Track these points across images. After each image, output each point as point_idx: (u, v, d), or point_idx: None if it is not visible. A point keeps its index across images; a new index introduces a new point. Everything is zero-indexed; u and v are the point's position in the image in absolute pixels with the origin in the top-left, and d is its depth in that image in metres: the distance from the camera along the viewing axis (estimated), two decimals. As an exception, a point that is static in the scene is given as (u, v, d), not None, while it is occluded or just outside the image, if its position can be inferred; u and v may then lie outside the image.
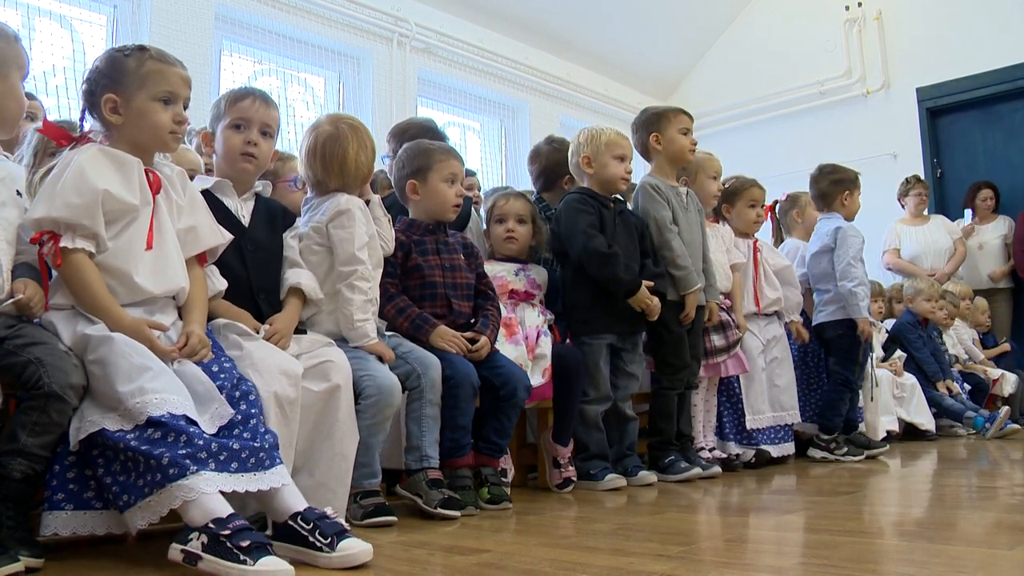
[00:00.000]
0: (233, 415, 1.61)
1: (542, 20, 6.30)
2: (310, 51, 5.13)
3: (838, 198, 3.70)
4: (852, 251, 3.55)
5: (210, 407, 1.61)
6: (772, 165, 6.19)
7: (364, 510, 2.00)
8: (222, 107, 2.15)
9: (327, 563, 1.48)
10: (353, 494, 2.01)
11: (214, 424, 1.59)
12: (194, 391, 1.62)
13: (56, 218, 1.67)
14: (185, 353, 1.70)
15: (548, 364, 2.70)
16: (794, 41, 6.97)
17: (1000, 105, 6.19)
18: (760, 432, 3.35)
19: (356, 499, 2.03)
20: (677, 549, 1.59)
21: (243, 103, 2.13)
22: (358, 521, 1.98)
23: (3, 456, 1.51)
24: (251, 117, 2.12)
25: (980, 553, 1.53)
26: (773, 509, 2.26)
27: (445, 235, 2.55)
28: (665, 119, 3.13)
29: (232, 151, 2.11)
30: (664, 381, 2.99)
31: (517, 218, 2.87)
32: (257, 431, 1.61)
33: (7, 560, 1.40)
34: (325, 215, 2.22)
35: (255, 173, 2.18)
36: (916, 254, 5.80)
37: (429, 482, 2.14)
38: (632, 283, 2.80)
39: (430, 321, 2.38)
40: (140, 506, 1.47)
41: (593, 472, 2.74)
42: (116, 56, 1.81)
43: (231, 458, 1.51)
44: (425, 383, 2.19)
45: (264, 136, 2.14)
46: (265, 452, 1.58)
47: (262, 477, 1.54)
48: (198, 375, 1.65)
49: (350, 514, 1.99)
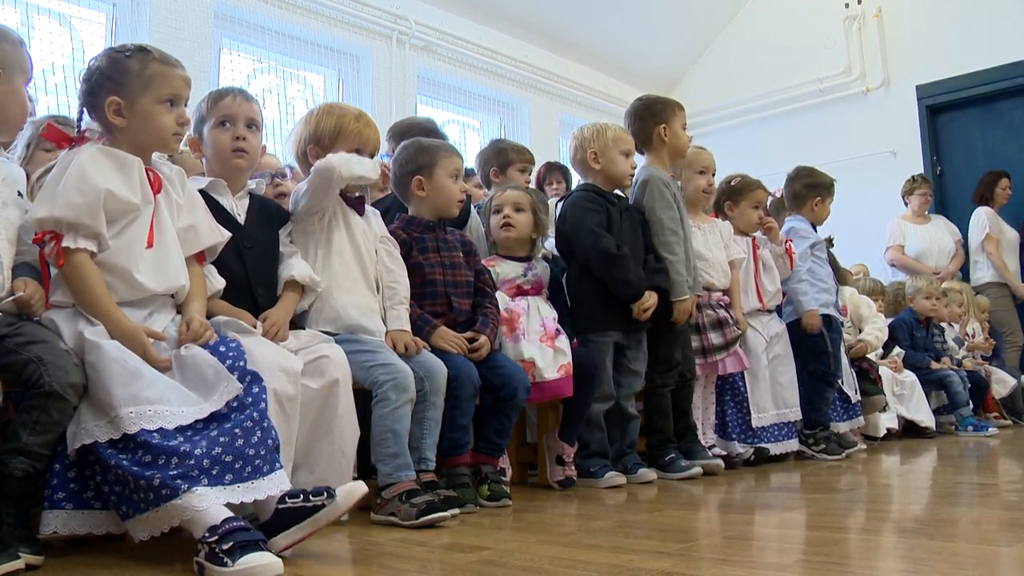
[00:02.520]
0: (240, 391, 1.61)
1: (542, 18, 6.30)
2: (309, 49, 5.12)
3: (809, 202, 3.72)
4: (799, 250, 3.61)
5: (219, 388, 1.61)
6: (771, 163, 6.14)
7: (417, 509, 1.88)
8: (204, 109, 2.15)
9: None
10: (398, 494, 1.93)
11: (222, 400, 1.59)
12: (204, 376, 1.62)
13: (58, 218, 1.67)
14: (189, 338, 1.71)
15: (567, 361, 2.64)
16: (794, 38, 6.97)
17: (1000, 102, 6.19)
18: (764, 430, 3.34)
19: (402, 498, 1.93)
20: (677, 546, 1.60)
21: (224, 101, 2.13)
22: (413, 521, 1.87)
23: (4, 454, 1.52)
24: (235, 113, 2.13)
25: (980, 550, 1.53)
26: (773, 506, 2.26)
27: (445, 233, 2.55)
28: (671, 111, 3.11)
29: (223, 149, 2.12)
30: (657, 379, 2.98)
31: (514, 206, 2.82)
32: (261, 425, 1.60)
33: (7, 557, 1.40)
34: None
35: (248, 168, 2.19)
36: (921, 252, 5.80)
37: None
38: (641, 287, 2.79)
39: (430, 322, 2.38)
40: (139, 520, 1.49)
41: (593, 470, 2.74)
42: (117, 57, 1.81)
43: (224, 471, 1.52)
44: (429, 387, 2.17)
45: (251, 129, 2.15)
46: (262, 458, 1.57)
47: (259, 486, 1.55)
48: (207, 359, 1.65)
49: (401, 516, 1.90)
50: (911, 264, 5.74)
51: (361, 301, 2.22)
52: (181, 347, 1.70)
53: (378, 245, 2.35)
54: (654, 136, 3.10)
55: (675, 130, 3.09)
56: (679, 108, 3.15)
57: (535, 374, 2.57)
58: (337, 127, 2.26)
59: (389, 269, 2.33)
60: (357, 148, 2.25)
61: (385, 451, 2.03)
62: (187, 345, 1.70)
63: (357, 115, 2.30)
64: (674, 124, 3.09)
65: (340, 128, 2.26)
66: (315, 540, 1.76)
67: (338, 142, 2.25)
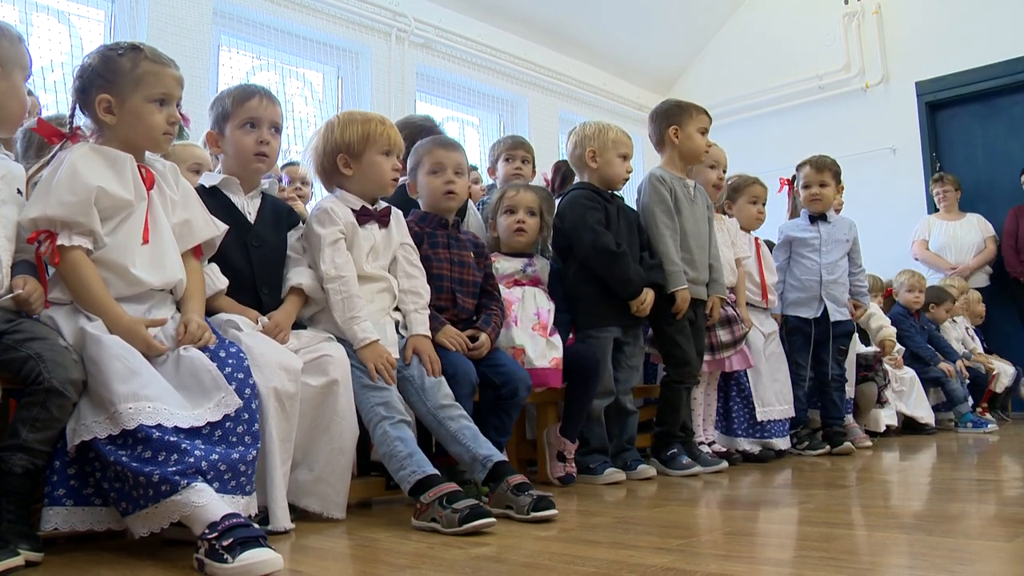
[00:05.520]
0: (239, 405, 1.62)
1: (541, 15, 6.29)
2: (308, 46, 5.12)
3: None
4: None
5: (215, 396, 1.61)
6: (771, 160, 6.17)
7: (460, 515, 1.75)
8: (228, 106, 2.14)
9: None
10: (438, 497, 1.82)
11: (219, 412, 1.60)
12: (199, 381, 1.63)
13: (52, 216, 1.67)
14: (186, 340, 1.71)
15: (558, 356, 2.65)
16: (793, 35, 6.96)
17: (1000, 99, 6.18)
18: (769, 426, 3.34)
19: (441, 503, 1.80)
20: (677, 542, 1.60)
21: (251, 102, 2.13)
22: (456, 528, 1.74)
23: (4, 451, 1.52)
24: (261, 116, 2.13)
25: (979, 545, 1.53)
26: (773, 502, 2.26)
27: (457, 231, 2.56)
28: (687, 114, 3.10)
29: (246, 152, 2.12)
30: (673, 375, 2.99)
31: (527, 210, 2.83)
32: (255, 446, 1.63)
33: (7, 554, 1.40)
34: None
35: (267, 171, 2.21)
36: (942, 246, 5.93)
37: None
38: (640, 285, 2.80)
39: (438, 319, 2.39)
40: (139, 516, 1.50)
41: (593, 466, 2.74)
42: (110, 55, 1.81)
43: (216, 478, 1.53)
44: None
45: (273, 133, 2.16)
46: (247, 476, 1.60)
47: (238, 502, 1.56)
48: (204, 363, 1.66)
49: (444, 523, 1.77)
50: (931, 259, 5.89)
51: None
52: (180, 347, 1.70)
53: (398, 251, 2.33)
54: (665, 137, 3.11)
55: (688, 133, 3.08)
56: (697, 112, 3.12)
57: (524, 360, 2.57)
58: (365, 132, 2.25)
59: (410, 275, 2.32)
60: (387, 150, 2.26)
61: (399, 455, 1.95)
62: (186, 346, 1.70)
63: (381, 119, 2.31)
64: (688, 127, 3.08)
65: (368, 133, 2.25)
66: (314, 536, 1.77)
67: (368, 146, 2.25)
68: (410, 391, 2.14)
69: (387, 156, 2.27)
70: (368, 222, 2.27)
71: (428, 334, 2.25)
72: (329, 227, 2.18)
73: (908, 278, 5.08)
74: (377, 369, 2.07)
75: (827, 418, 3.67)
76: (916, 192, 6.29)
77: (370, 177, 2.27)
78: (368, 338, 2.09)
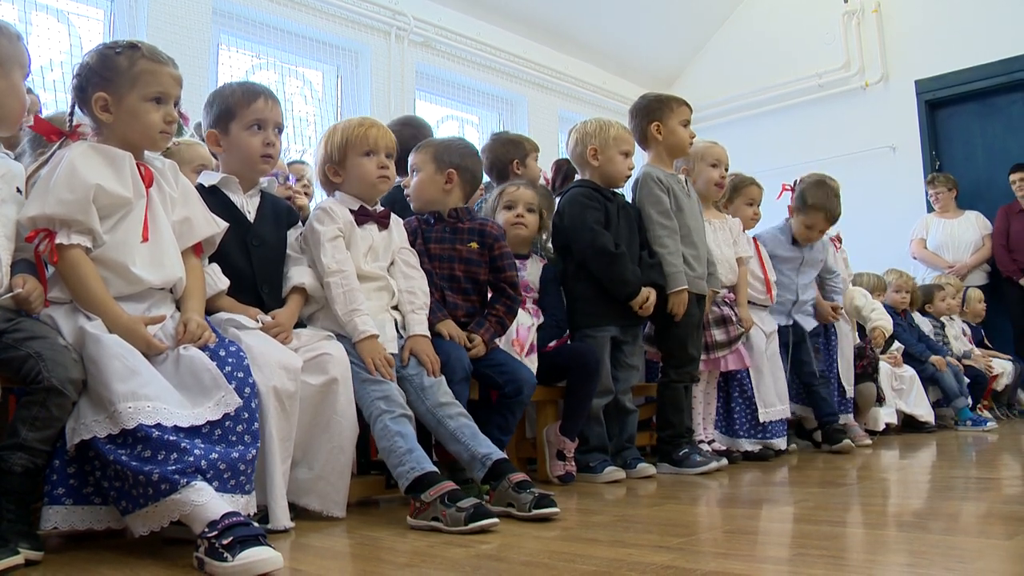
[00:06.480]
0: (239, 404, 1.62)
1: (540, 13, 6.29)
2: (308, 45, 5.12)
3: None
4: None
5: (215, 395, 1.62)
6: (770, 158, 6.20)
7: (465, 513, 1.73)
8: (232, 106, 2.12)
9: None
10: (439, 496, 1.80)
11: (218, 411, 1.60)
12: (199, 380, 1.63)
13: (50, 215, 1.67)
14: (186, 339, 1.71)
15: (536, 360, 2.69)
16: (792, 34, 6.96)
17: (999, 97, 6.19)
18: (771, 425, 3.33)
19: (444, 501, 1.79)
20: (677, 540, 1.60)
21: (257, 104, 2.12)
22: (461, 527, 1.73)
23: (3, 450, 1.52)
24: (267, 118, 2.13)
25: (978, 543, 1.53)
26: (772, 500, 2.26)
27: (457, 222, 2.51)
28: (668, 108, 3.07)
29: (252, 153, 2.12)
30: (672, 374, 2.98)
31: (527, 206, 2.84)
32: (254, 445, 1.63)
33: (7, 553, 1.40)
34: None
35: (270, 171, 2.22)
36: (939, 245, 5.96)
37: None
38: (638, 286, 2.79)
39: (442, 311, 2.40)
40: (139, 514, 1.50)
41: (592, 465, 2.74)
42: (107, 54, 1.81)
43: (215, 477, 1.53)
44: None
45: (276, 133, 2.16)
46: (246, 476, 1.60)
47: (238, 501, 1.56)
48: (204, 362, 1.66)
49: (448, 522, 1.76)
50: (929, 257, 5.92)
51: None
52: (180, 346, 1.70)
53: (397, 255, 2.33)
54: (649, 134, 3.08)
55: (671, 127, 3.06)
56: (678, 104, 3.09)
57: None
58: (344, 139, 2.27)
59: (407, 276, 2.32)
60: (367, 151, 2.26)
61: (399, 451, 1.94)
62: (185, 345, 1.70)
63: (359, 121, 2.31)
64: (670, 121, 3.05)
65: (346, 139, 2.26)
66: (314, 535, 1.77)
67: (348, 152, 2.26)
68: (409, 390, 2.13)
69: (368, 157, 2.26)
70: (366, 222, 2.27)
71: (427, 334, 2.25)
72: (328, 225, 2.19)
73: (896, 278, 5.07)
74: (375, 365, 2.07)
75: (821, 415, 3.66)
76: (916, 191, 6.29)
77: (355, 179, 2.28)
78: (368, 331, 2.10)
